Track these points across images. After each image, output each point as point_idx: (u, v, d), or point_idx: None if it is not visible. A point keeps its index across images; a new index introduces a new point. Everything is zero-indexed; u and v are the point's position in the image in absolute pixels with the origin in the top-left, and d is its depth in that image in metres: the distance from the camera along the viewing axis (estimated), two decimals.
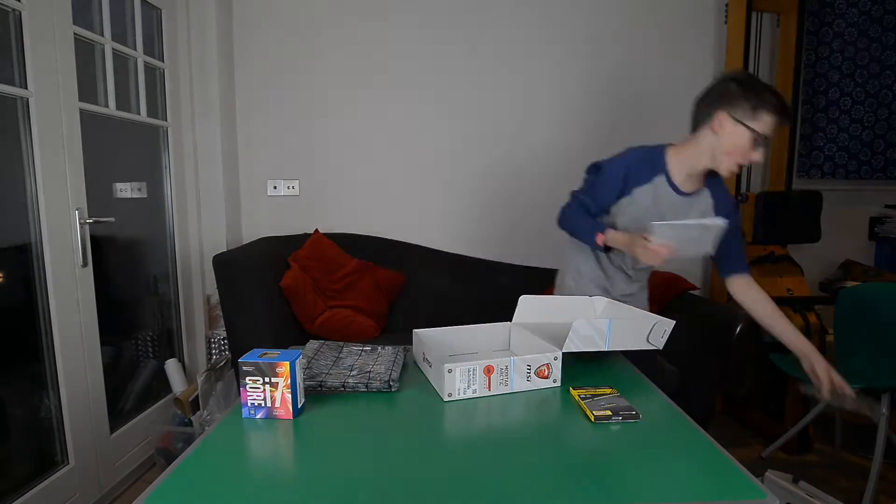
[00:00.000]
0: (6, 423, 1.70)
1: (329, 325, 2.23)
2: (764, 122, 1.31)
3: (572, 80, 2.80)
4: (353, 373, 1.20)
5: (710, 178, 1.49)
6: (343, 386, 1.14)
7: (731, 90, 1.33)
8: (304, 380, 1.12)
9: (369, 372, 1.20)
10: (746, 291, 1.48)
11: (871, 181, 2.99)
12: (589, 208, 1.50)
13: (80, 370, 1.84)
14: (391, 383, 1.15)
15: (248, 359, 1.01)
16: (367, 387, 1.15)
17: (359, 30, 2.70)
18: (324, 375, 1.18)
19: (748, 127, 1.31)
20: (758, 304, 1.47)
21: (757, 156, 1.34)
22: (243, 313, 2.05)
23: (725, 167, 1.38)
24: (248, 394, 1.02)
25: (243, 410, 1.03)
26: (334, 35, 2.70)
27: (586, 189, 1.53)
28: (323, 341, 1.39)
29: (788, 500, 1.71)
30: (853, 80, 2.90)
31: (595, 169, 1.53)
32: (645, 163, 1.45)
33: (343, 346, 1.37)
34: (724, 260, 1.51)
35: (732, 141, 1.34)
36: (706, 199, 1.49)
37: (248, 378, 1.01)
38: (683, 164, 1.44)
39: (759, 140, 1.32)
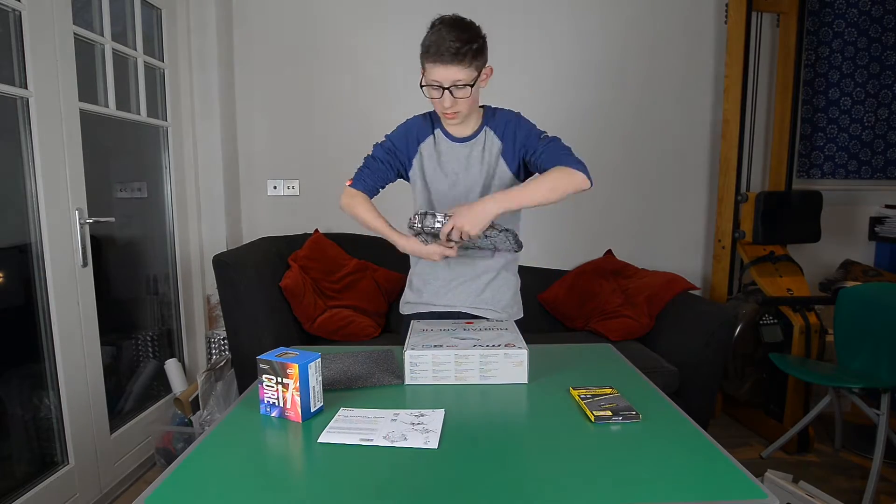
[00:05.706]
0: (6, 423, 1.70)
1: (329, 325, 2.23)
2: (427, 67, 1.28)
3: (571, 81, 2.80)
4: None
5: (487, 115, 1.44)
6: None
7: None
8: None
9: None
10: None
11: (871, 181, 2.98)
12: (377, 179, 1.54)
13: (80, 370, 1.84)
14: None
15: (266, 356, 1.01)
16: None
17: (359, 29, 2.70)
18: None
19: (423, 73, 1.30)
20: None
21: (440, 105, 1.31)
22: (243, 313, 2.05)
23: (440, 115, 1.37)
24: (265, 391, 1.01)
25: (261, 407, 1.03)
26: (334, 34, 2.70)
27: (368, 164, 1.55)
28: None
29: (788, 500, 1.71)
30: (853, 80, 2.90)
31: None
32: (425, 119, 1.46)
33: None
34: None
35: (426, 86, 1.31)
36: (489, 136, 1.42)
37: (264, 376, 1.00)
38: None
39: (432, 86, 1.28)
